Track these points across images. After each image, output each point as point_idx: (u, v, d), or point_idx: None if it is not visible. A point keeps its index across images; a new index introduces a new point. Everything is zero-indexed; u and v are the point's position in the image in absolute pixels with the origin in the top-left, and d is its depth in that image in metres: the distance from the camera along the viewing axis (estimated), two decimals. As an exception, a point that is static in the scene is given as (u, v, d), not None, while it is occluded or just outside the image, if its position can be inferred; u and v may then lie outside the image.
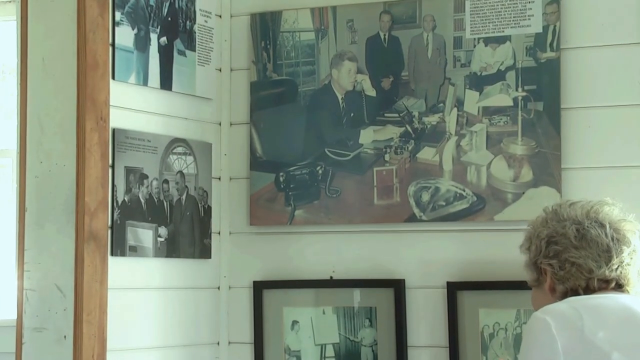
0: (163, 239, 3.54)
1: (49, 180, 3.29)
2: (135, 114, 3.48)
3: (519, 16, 3.50)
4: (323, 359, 3.69)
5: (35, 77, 3.32)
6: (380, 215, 3.63)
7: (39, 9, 3.33)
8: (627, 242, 2.82)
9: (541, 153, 3.46)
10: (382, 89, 3.65)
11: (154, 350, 3.54)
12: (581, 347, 2.65)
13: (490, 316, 3.49)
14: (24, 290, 3.28)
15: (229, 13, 3.85)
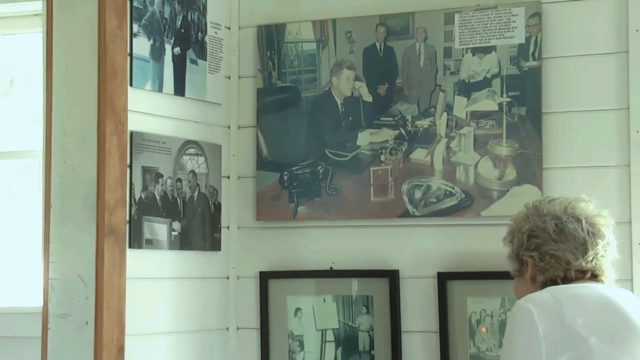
0: (177, 232, 3.55)
1: (71, 179, 3.30)
2: (151, 118, 3.49)
3: (504, 28, 3.50)
4: (324, 343, 3.69)
5: (59, 85, 3.32)
6: (376, 211, 3.63)
7: (63, 22, 3.33)
8: (601, 236, 2.84)
9: (524, 154, 3.46)
10: (378, 95, 3.65)
11: (168, 335, 3.55)
12: (561, 332, 2.67)
13: (477, 304, 3.49)
14: (49, 280, 3.28)
15: (237, 25, 3.84)
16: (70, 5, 3.33)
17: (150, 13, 3.47)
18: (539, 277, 2.84)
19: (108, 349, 3.24)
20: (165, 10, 3.53)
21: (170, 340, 3.56)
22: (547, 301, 2.72)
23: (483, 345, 3.48)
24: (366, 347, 3.65)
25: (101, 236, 3.25)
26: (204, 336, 3.70)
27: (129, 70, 3.38)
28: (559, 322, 2.67)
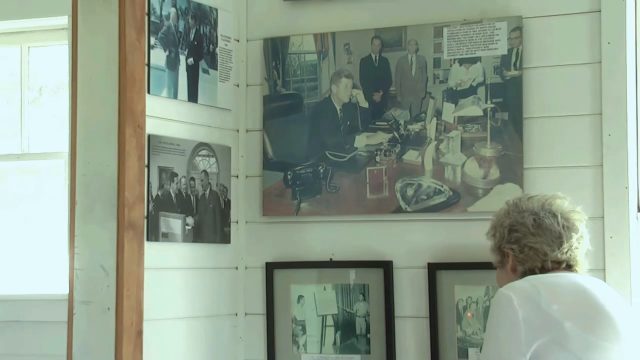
0: (190, 227, 3.55)
1: (94, 178, 3.30)
2: (166, 122, 3.49)
3: (488, 41, 3.50)
4: (324, 327, 3.69)
5: (84, 92, 3.32)
6: (372, 207, 3.63)
7: (87, 35, 3.33)
8: (575, 230, 2.86)
9: (506, 155, 3.46)
10: (373, 102, 3.65)
11: (183, 320, 3.55)
12: (539, 317, 2.68)
13: (464, 292, 3.49)
14: (74, 270, 3.29)
15: (245, 38, 3.84)
16: (93, 20, 3.33)
17: (166, 27, 3.48)
18: (519, 267, 2.86)
19: (128, 333, 3.24)
20: (180, 24, 3.53)
21: (185, 325, 3.56)
22: (526, 289, 2.74)
23: (469, 329, 3.48)
24: (363, 331, 3.64)
25: (121, 230, 3.26)
26: (215, 321, 3.70)
27: (146, 79, 3.38)
28: (537, 308, 2.69)
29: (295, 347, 3.72)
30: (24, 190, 4.62)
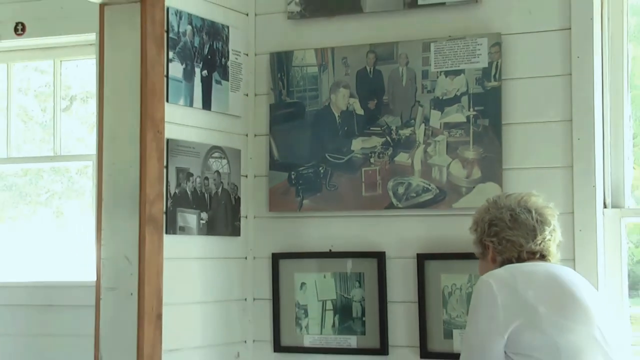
0: (204, 221, 3.55)
1: (119, 178, 3.31)
2: (183, 127, 3.49)
3: (471, 55, 3.49)
4: (324, 311, 3.68)
5: (109, 101, 3.33)
6: (367, 203, 3.62)
7: (112, 50, 3.34)
8: (548, 224, 2.87)
9: (487, 157, 3.45)
10: (368, 109, 3.64)
11: (197, 304, 3.55)
12: (515, 302, 2.70)
13: (449, 279, 3.49)
14: (101, 259, 3.30)
15: (253, 52, 3.83)
16: (118, 37, 3.34)
17: (183, 42, 3.48)
18: (498, 257, 2.87)
19: (149, 316, 3.26)
20: (195, 40, 3.53)
21: (199, 309, 3.56)
22: (504, 277, 2.75)
23: (453, 313, 3.48)
24: (359, 314, 3.64)
25: (143, 224, 3.26)
26: (226, 305, 3.70)
27: (165, 89, 3.38)
28: (514, 294, 2.70)
29: (298, 329, 3.71)
30: (57, 187, 4.63)
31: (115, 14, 3.33)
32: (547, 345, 2.64)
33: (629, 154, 3.42)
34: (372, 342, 3.61)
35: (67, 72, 4.53)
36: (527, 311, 2.67)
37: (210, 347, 3.60)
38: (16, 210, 4.66)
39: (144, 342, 3.23)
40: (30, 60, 4.53)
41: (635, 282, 3.43)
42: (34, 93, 4.64)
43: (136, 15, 3.30)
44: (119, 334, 3.27)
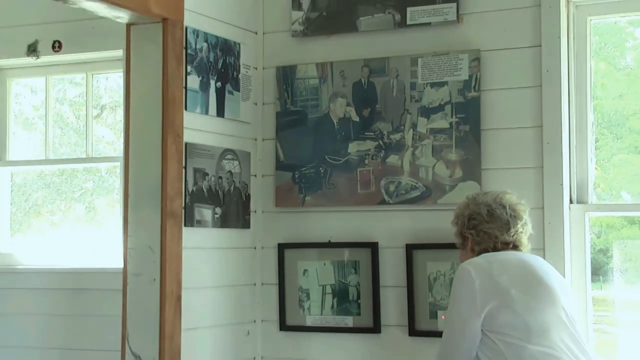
0: (218, 215, 3.55)
1: (143, 177, 3.31)
2: (200, 133, 3.48)
3: (453, 68, 3.49)
4: (324, 295, 3.67)
5: (135, 109, 3.34)
6: (362, 200, 3.62)
7: (138, 65, 3.34)
8: (520, 218, 2.88)
9: (468, 159, 3.45)
10: (363, 116, 3.63)
11: (212, 288, 3.55)
12: (491, 286, 2.71)
13: (434, 266, 3.48)
14: (127, 249, 3.31)
15: (262, 66, 3.82)
16: (142, 53, 3.34)
17: (200, 58, 3.48)
18: (476, 247, 2.89)
19: (169, 299, 3.26)
20: (210, 55, 3.53)
21: (214, 292, 3.56)
22: (481, 264, 2.77)
23: (438, 296, 3.47)
24: (354, 297, 3.63)
25: (164, 218, 3.27)
26: (237, 289, 3.69)
27: (184, 99, 3.38)
28: (490, 279, 2.72)
29: (301, 310, 3.71)
30: (89, 185, 4.61)
31: (140, 32, 3.33)
32: (518, 323, 2.66)
33: (591, 156, 3.42)
34: (367, 322, 3.60)
35: (98, 84, 4.51)
36: (501, 294, 2.69)
37: (223, 326, 3.60)
38: (53, 205, 4.65)
39: (165, 322, 3.24)
40: (65, 73, 4.52)
41: (596, 269, 3.42)
42: (69, 103, 4.63)
43: (158, 34, 3.30)
44: (143, 315, 3.27)
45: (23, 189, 4.67)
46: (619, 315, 3.46)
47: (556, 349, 2.65)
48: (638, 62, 3.48)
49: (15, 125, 4.60)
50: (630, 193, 3.45)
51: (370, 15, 3.63)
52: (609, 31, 3.54)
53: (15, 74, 4.54)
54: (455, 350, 2.76)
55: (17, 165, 4.56)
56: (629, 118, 3.47)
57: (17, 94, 4.63)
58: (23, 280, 4.29)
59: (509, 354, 2.65)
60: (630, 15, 3.44)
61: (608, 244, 3.47)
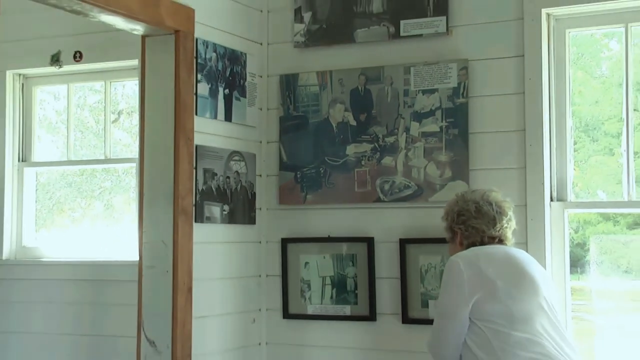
0: (226, 212, 3.54)
1: (157, 177, 3.31)
2: (209, 136, 3.48)
3: (443, 76, 3.48)
4: (324, 285, 3.67)
5: (150, 114, 3.34)
6: (359, 198, 3.61)
7: (152, 73, 3.34)
8: (505, 214, 2.89)
9: (457, 160, 3.45)
10: (360, 121, 3.62)
11: (221, 279, 3.55)
12: (478, 277, 2.71)
13: (426, 259, 3.48)
14: (142, 243, 3.30)
15: (266, 74, 3.82)
16: (156, 62, 3.33)
17: (209, 67, 3.48)
18: (465, 241, 2.89)
19: (181, 289, 3.27)
20: (219, 64, 3.53)
21: (222, 283, 3.56)
22: (469, 257, 2.77)
23: (429, 287, 3.47)
24: (352, 288, 3.63)
25: (176, 214, 3.27)
26: (244, 280, 3.69)
27: (194, 105, 3.38)
28: (477, 270, 2.72)
29: (303, 300, 3.70)
30: (107, 185, 4.61)
31: (154, 44, 3.33)
32: (503, 312, 2.66)
33: (570, 157, 3.42)
34: (363, 311, 3.60)
35: (116, 91, 4.52)
36: (488, 285, 2.69)
37: (231, 314, 3.60)
38: (74, 203, 4.65)
39: (177, 310, 3.24)
40: (86, 81, 4.52)
41: (574, 261, 3.42)
42: (89, 108, 4.63)
43: (171, 45, 3.30)
44: (157, 304, 3.27)
45: (47, 188, 4.67)
46: (595, 304, 3.46)
47: (538, 335, 2.65)
48: (612, 71, 3.48)
49: (39, 129, 4.61)
50: (605, 191, 3.45)
51: (366, 27, 3.63)
52: (586, 43, 3.54)
53: (39, 82, 4.55)
54: (446, 337, 2.75)
55: (42, 166, 4.57)
56: (604, 123, 3.46)
57: (42, 101, 4.64)
58: (47, 271, 4.30)
59: (494, 340, 2.65)
60: (605, 28, 3.44)
61: (585, 239, 3.47)
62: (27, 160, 4.53)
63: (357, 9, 3.65)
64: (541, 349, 2.62)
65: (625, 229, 3.43)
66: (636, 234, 3.41)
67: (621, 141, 3.35)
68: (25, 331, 4.28)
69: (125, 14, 3.07)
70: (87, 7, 2.95)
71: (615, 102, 3.41)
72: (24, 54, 4.37)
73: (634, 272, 3.39)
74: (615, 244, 3.42)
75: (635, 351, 3.37)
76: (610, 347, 3.41)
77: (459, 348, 2.74)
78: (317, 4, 3.73)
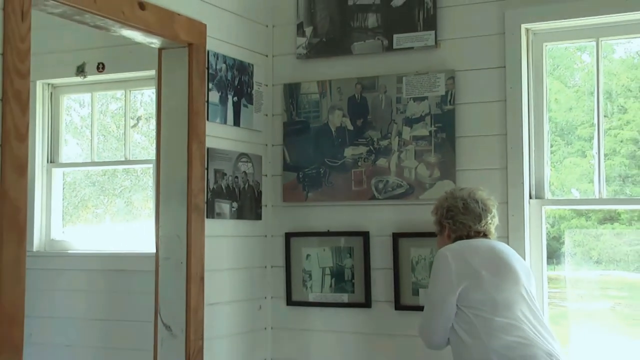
0: (235, 209, 3.54)
1: (172, 177, 3.30)
2: (219, 139, 3.47)
3: (432, 85, 3.48)
4: (324, 275, 3.67)
5: (165, 120, 3.33)
6: (355, 196, 3.61)
7: (167, 82, 3.34)
8: (490, 211, 2.90)
9: (444, 161, 3.44)
10: (356, 126, 3.62)
11: (230, 270, 3.54)
12: (464, 267, 2.73)
13: (416, 252, 3.48)
14: (159, 237, 3.30)
15: (271, 83, 3.81)
16: (171, 73, 3.33)
17: (219, 77, 3.47)
18: (452, 235, 2.90)
19: (194, 279, 3.26)
20: (228, 75, 3.53)
21: (231, 273, 3.56)
22: (456, 249, 2.78)
23: (419, 276, 3.47)
24: (349, 277, 3.63)
25: (189, 211, 3.26)
26: (251, 271, 3.69)
27: (206, 111, 3.38)
28: (464, 262, 2.73)
29: (304, 289, 3.70)
30: (127, 183, 4.62)
31: (170, 56, 3.33)
32: (487, 299, 2.67)
33: (547, 159, 3.41)
34: (359, 298, 3.60)
35: (135, 99, 4.52)
36: (473, 275, 2.70)
37: (239, 301, 3.60)
38: (98, 200, 4.66)
39: (191, 298, 3.24)
40: (108, 90, 4.53)
41: (551, 253, 3.42)
42: (110, 114, 4.63)
43: (185, 57, 3.30)
44: (172, 292, 3.27)
45: (73, 187, 4.67)
46: (569, 291, 3.47)
47: (518, 320, 2.66)
48: (584, 81, 3.48)
49: (66, 134, 4.61)
50: (578, 190, 3.45)
51: (362, 40, 3.63)
52: (561, 55, 3.54)
53: (66, 90, 4.56)
54: (435, 323, 2.76)
55: (68, 166, 4.57)
56: (577, 127, 3.46)
57: (68, 108, 4.64)
58: (73, 262, 4.30)
59: (479, 325, 2.65)
60: (578, 42, 3.44)
61: (560, 233, 3.47)
62: (55, 161, 4.53)
63: (354, 24, 3.65)
64: (521, 333, 2.63)
65: (596, 224, 3.43)
66: (606, 228, 3.41)
67: (593, 144, 3.35)
68: (52, 316, 4.29)
69: (144, 29, 3.08)
70: (109, 23, 2.96)
71: (587, 109, 3.41)
72: (52, 65, 4.37)
73: (603, 262, 3.39)
74: (587, 237, 3.42)
75: (604, 333, 3.38)
76: (582, 330, 3.42)
77: (447, 332, 2.75)
78: (317, 20, 3.72)
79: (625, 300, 3.38)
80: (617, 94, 3.36)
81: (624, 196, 3.30)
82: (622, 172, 3.32)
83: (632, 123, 3.33)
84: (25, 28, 2.55)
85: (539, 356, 2.59)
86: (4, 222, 2.46)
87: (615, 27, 3.28)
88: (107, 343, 4.15)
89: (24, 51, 2.54)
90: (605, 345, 3.32)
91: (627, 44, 3.39)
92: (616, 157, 3.34)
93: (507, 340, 2.60)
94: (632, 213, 3.35)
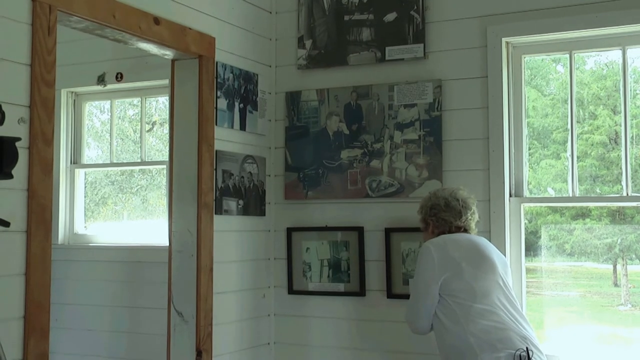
0: (241, 206, 3.54)
1: (184, 177, 3.31)
2: (227, 142, 3.48)
3: (421, 93, 3.50)
4: (322, 267, 3.67)
5: (178, 125, 3.33)
6: (351, 194, 3.61)
7: (180, 91, 3.34)
8: (469, 208, 2.91)
9: (432, 163, 3.45)
10: (352, 130, 3.63)
11: (236, 262, 3.54)
12: (446, 259, 2.73)
13: (406, 245, 3.48)
14: (172, 231, 3.30)
15: (274, 92, 3.82)
16: (183, 82, 3.34)
17: (227, 85, 3.48)
18: (436, 230, 2.91)
19: (204, 270, 3.27)
20: (235, 84, 3.53)
21: (238, 265, 3.56)
22: (439, 243, 2.79)
23: (409, 268, 3.47)
24: (345, 269, 3.63)
25: (200, 208, 3.27)
26: (256, 263, 3.69)
27: (215, 117, 3.38)
28: (445, 254, 2.74)
29: (305, 279, 3.71)
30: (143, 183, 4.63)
31: (182, 66, 3.34)
32: (466, 288, 2.69)
33: (525, 160, 3.43)
34: (355, 287, 3.61)
35: (150, 105, 4.53)
36: (454, 266, 2.72)
37: (244, 290, 3.61)
38: (116, 198, 4.66)
39: (201, 287, 3.25)
40: (125, 97, 4.54)
41: (529, 246, 3.42)
42: (128, 120, 4.65)
43: (196, 67, 3.31)
44: (184, 282, 3.28)
45: (94, 185, 4.68)
46: (544, 281, 3.49)
47: (494, 307, 2.68)
48: (559, 90, 3.49)
49: (88, 137, 4.62)
50: (553, 189, 3.45)
51: (357, 52, 3.65)
52: (538, 66, 3.55)
53: (88, 98, 4.56)
54: (420, 310, 2.79)
55: (90, 167, 4.58)
56: (553, 132, 3.47)
57: (90, 113, 4.65)
58: (94, 254, 4.31)
59: (459, 312, 2.68)
60: (553, 54, 3.45)
61: (537, 228, 3.47)
62: (77, 162, 4.55)
63: (349, 37, 3.67)
64: (497, 318, 2.65)
65: (569, 220, 3.44)
66: (578, 223, 3.43)
67: (566, 147, 3.37)
68: (76, 303, 4.30)
69: (158, 42, 3.09)
70: (127, 37, 2.98)
71: (562, 115, 3.42)
72: (75, 75, 4.38)
73: (576, 254, 3.40)
74: (561, 231, 3.43)
75: (576, 318, 3.40)
76: (555, 315, 3.44)
77: (431, 318, 2.77)
78: (316, 34, 3.75)
79: (594, 288, 3.40)
80: (588, 102, 3.38)
81: (594, 194, 3.31)
82: (593, 173, 3.34)
83: (601, 128, 3.35)
84: (52, 42, 2.59)
85: (513, 339, 2.61)
86: (32, 217, 2.50)
87: (586, 41, 3.30)
88: (125, 328, 4.17)
89: (50, 62, 2.58)
90: (576, 329, 3.34)
91: (597, 56, 3.41)
92: (587, 159, 3.35)
93: (484, 324, 2.62)
94: (602, 210, 3.37)
